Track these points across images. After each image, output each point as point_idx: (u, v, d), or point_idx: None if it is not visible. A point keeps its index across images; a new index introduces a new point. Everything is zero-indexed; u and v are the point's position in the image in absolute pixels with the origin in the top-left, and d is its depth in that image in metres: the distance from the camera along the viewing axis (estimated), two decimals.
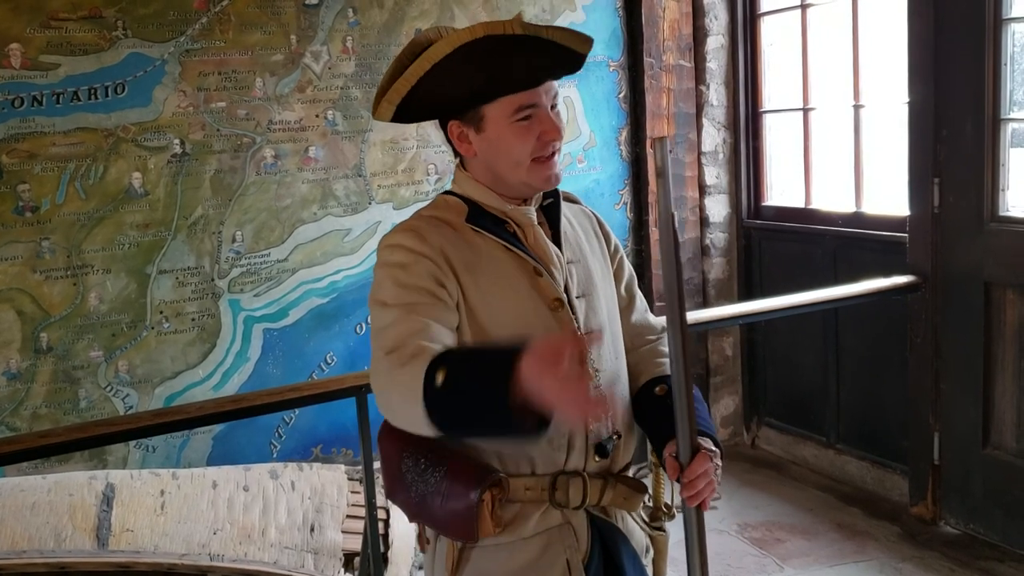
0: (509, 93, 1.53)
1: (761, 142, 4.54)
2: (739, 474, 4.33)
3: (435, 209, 1.64)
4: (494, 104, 1.54)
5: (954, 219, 3.46)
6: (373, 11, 3.93)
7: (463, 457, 1.53)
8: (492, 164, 1.59)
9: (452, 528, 1.54)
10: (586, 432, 1.57)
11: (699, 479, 1.50)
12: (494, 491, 1.50)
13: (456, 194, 1.65)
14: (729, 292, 4.63)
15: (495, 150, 1.57)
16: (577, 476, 1.56)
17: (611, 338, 1.67)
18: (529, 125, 1.55)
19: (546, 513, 1.55)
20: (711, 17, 4.46)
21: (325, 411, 3.77)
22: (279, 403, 2.69)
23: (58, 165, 3.48)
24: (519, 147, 1.55)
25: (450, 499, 1.50)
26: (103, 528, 3.04)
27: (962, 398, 3.50)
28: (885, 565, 3.41)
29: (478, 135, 1.58)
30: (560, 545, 1.55)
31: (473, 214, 1.60)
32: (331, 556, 3.16)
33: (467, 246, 1.56)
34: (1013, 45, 3.28)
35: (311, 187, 3.88)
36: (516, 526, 1.54)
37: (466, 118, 1.58)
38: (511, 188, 1.61)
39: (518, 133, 1.55)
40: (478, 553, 1.55)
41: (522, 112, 1.54)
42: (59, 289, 3.51)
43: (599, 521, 1.60)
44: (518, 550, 1.54)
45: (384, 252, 1.58)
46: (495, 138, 1.56)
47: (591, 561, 1.57)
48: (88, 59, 3.49)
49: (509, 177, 1.59)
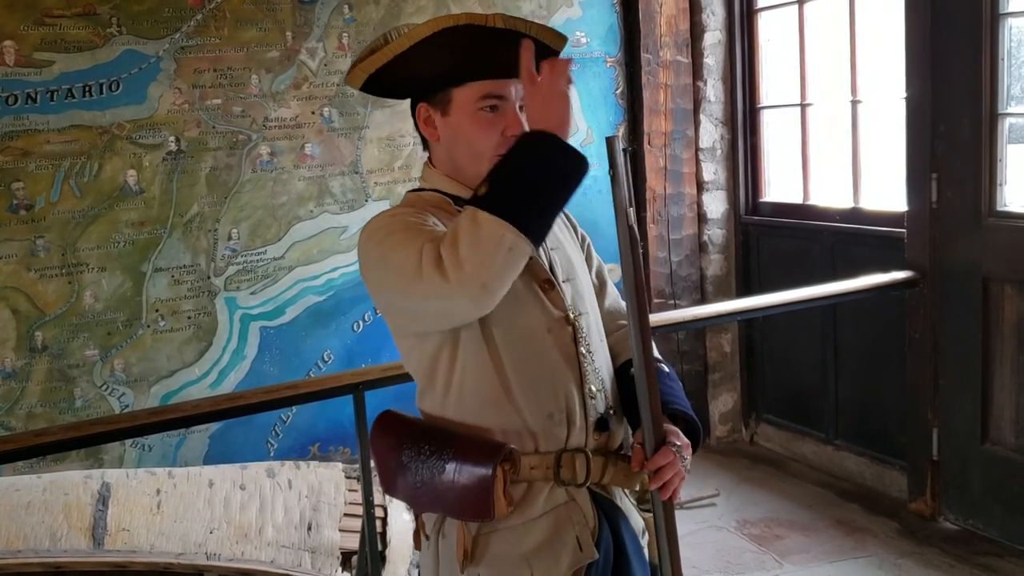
0: (479, 79, 1.55)
1: (759, 138, 4.53)
2: (738, 471, 4.32)
3: (412, 205, 1.63)
4: (462, 88, 1.56)
5: (952, 215, 3.45)
6: (369, 7, 3.91)
7: (468, 437, 1.54)
8: (452, 151, 1.61)
9: (466, 508, 1.53)
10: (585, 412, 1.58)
11: (665, 470, 1.53)
12: (505, 466, 1.50)
13: (427, 189, 1.66)
14: (727, 288, 4.62)
15: (456, 136, 1.59)
16: (580, 453, 1.57)
17: (595, 320, 1.68)
18: (493, 118, 1.56)
19: (552, 491, 1.56)
20: (708, 13, 4.45)
21: (322, 409, 3.76)
22: (275, 401, 2.68)
23: (52, 163, 3.46)
24: (482, 138, 1.57)
25: (462, 477, 1.50)
26: (99, 527, 3.03)
27: (961, 394, 3.49)
28: (884, 561, 3.41)
29: (443, 118, 1.59)
30: (569, 523, 1.56)
31: (456, 204, 1.61)
32: (328, 555, 3.15)
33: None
34: (1010, 40, 3.27)
35: (307, 184, 3.86)
36: (524, 506, 1.54)
37: (434, 101, 1.60)
38: (470, 180, 1.59)
39: (481, 123, 1.56)
40: (491, 538, 1.55)
41: (488, 100, 1.55)
42: (54, 287, 3.49)
43: (601, 499, 1.61)
44: (529, 531, 1.55)
45: (380, 223, 1.54)
46: (458, 124, 1.58)
47: (600, 536, 1.58)
48: (82, 56, 3.48)
49: (468, 168, 1.60)
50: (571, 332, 1.60)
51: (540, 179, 1.42)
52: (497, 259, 1.39)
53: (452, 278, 1.38)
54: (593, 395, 1.60)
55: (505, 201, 1.39)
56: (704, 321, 3.64)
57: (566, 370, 1.58)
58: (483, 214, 1.38)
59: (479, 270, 1.38)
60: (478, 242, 1.38)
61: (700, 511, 3.84)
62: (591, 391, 1.60)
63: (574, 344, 1.60)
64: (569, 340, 1.59)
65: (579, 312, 1.63)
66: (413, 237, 1.47)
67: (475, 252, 1.38)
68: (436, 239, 1.44)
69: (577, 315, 1.62)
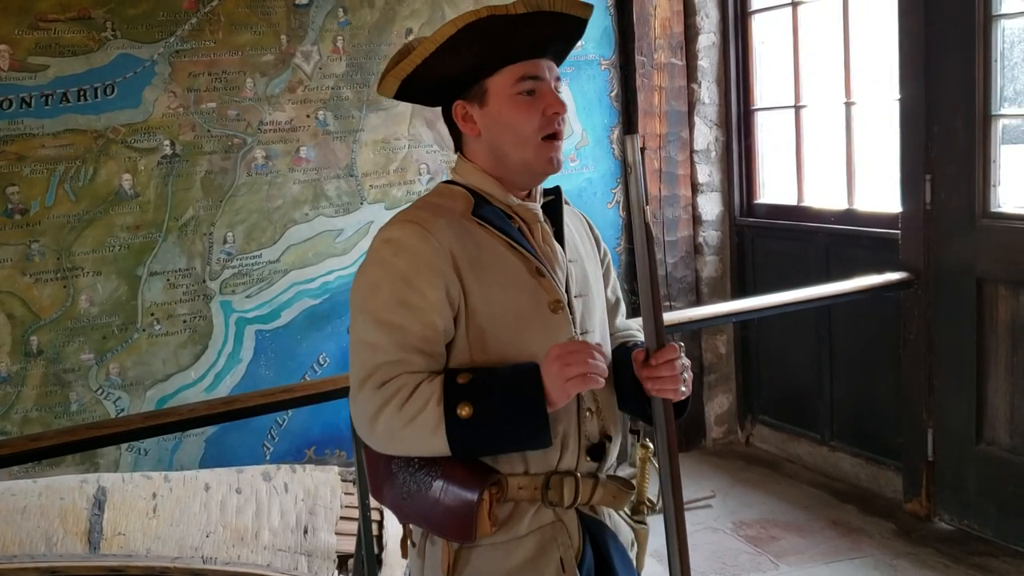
0: (511, 63, 1.55)
1: (753, 140, 4.55)
2: (734, 472, 4.33)
3: (439, 196, 1.62)
4: (497, 76, 1.55)
5: (946, 215, 3.46)
6: (364, 11, 3.92)
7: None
8: (496, 141, 1.58)
9: (448, 528, 1.52)
10: (579, 434, 1.58)
11: (664, 366, 1.54)
12: (492, 490, 1.50)
13: (459, 184, 1.63)
14: (722, 290, 4.62)
15: (500, 126, 1.57)
16: (570, 476, 1.56)
17: (601, 339, 1.68)
18: (532, 101, 1.55)
19: (539, 512, 1.55)
20: (702, 15, 4.46)
21: (318, 412, 3.76)
22: (271, 404, 2.67)
23: (47, 167, 3.46)
24: (525, 122, 1.55)
25: (447, 497, 1.49)
26: (95, 532, 3.02)
27: (955, 394, 3.50)
28: (880, 562, 3.41)
29: (481, 110, 1.58)
30: (554, 543, 1.55)
31: (479, 206, 1.58)
32: (324, 558, 3.14)
33: (472, 241, 1.54)
34: (1003, 41, 3.28)
35: (302, 188, 3.86)
36: (510, 525, 1.54)
37: (469, 95, 1.58)
38: (513, 171, 1.59)
39: (522, 107, 1.55)
40: (474, 553, 1.54)
41: (525, 83, 1.55)
42: (49, 292, 3.49)
43: (588, 519, 1.61)
44: (514, 549, 1.54)
45: (385, 248, 1.53)
46: (498, 112, 1.56)
47: (583, 558, 1.57)
48: (77, 60, 3.48)
49: (513, 155, 1.58)
50: None
51: (519, 441, 1.49)
52: (412, 450, 1.50)
53: (366, 428, 1.50)
54: (588, 417, 1.59)
55: (474, 441, 1.46)
56: (699, 323, 3.64)
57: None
58: (443, 440, 1.44)
59: (391, 443, 1.50)
60: (413, 429, 1.45)
61: (696, 512, 3.85)
62: (587, 414, 1.59)
63: None
64: None
65: (585, 331, 1.62)
66: (383, 338, 1.49)
67: (402, 431, 1.47)
68: (397, 360, 1.47)
69: (583, 334, 1.61)
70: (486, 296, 1.52)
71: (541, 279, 1.57)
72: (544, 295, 1.57)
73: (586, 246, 1.73)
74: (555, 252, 1.61)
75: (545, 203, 1.66)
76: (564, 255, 1.63)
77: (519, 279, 1.55)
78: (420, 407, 1.44)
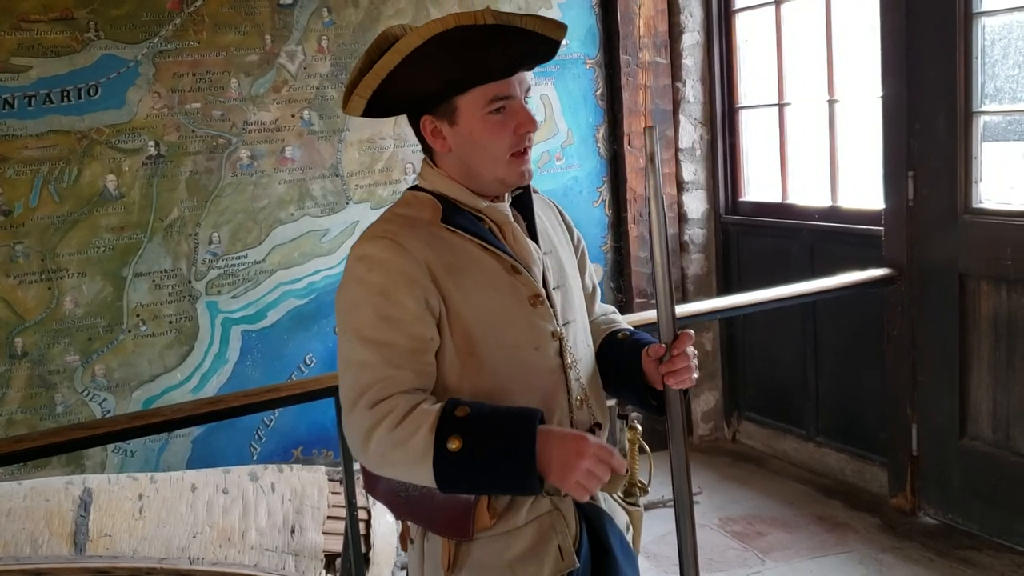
0: (483, 83, 1.51)
1: (738, 138, 4.56)
2: (720, 468, 4.35)
3: (406, 207, 1.61)
4: (467, 95, 1.52)
5: (928, 212, 3.49)
6: (348, 10, 3.92)
7: None
8: (467, 159, 1.57)
9: (445, 526, 1.54)
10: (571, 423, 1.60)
11: (681, 357, 1.57)
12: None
13: (425, 190, 1.62)
14: (708, 287, 4.64)
15: (470, 144, 1.55)
16: None
17: (583, 327, 1.69)
18: (503, 119, 1.53)
19: (536, 501, 1.56)
20: (686, 14, 4.48)
21: (305, 412, 3.76)
22: (256, 404, 2.66)
23: (31, 168, 3.45)
24: (496, 142, 1.53)
25: (443, 497, 1.51)
26: (80, 533, 3.01)
27: (939, 389, 3.53)
28: (865, 556, 3.43)
29: (452, 128, 1.55)
30: (552, 531, 1.57)
31: (448, 213, 1.57)
32: (312, 558, 3.14)
33: (446, 247, 1.54)
34: (984, 38, 3.31)
35: (288, 187, 3.86)
36: (509, 515, 1.55)
37: (439, 112, 1.55)
38: (484, 184, 1.59)
39: (493, 127, 1.53)
40: (474, 546, 1.55)
41: (496, 103, 1.52)
42: (33, 293, 3.48)
43: (584, 505, 1.62)
44: (513, 539, 1.55)
45: (359, 266, 1.52)
46: (468, 132, 1.54)
47: (580, 544, 1.59)
48: (60, 61, 3.46)
49: (484, 172, 1.57)
50: (558, 346, 1.60)
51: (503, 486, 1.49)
52: (401, 474, 1.49)
53: (359, 447, 1.49)
54: (579, 405, 1.61)
55: (459, 475, 1.44)
56: (685, 320, 3.64)
57: (552, 384, 1.59)
58: (429, 470, 1.42)
59: (382, 464, 1.49)
60: (403, 452, 1.44)
61: None
62: (576, 402, 1.61)
63: (560, 357, 1.60)
64: (555, 354, 1.60)
65: (567, 321, 1.63)
66: (370, 355, 1.48)
67: (392, 453, 1.45)
68: (386, 377, 1.46)
69: (565, 324, 1.62)
70: (467, 299, 1.53)
71: (518, 276, 1.57)
72: (523, 290, 1.57)
73: (559, 235, 1.74)
74: (529, 249, 1.61)
75: (515, 197, 1.67)
76: (539, 249, 1.63)
77: (497, 278, 1.56)
78: (412, 431, 1.43)
